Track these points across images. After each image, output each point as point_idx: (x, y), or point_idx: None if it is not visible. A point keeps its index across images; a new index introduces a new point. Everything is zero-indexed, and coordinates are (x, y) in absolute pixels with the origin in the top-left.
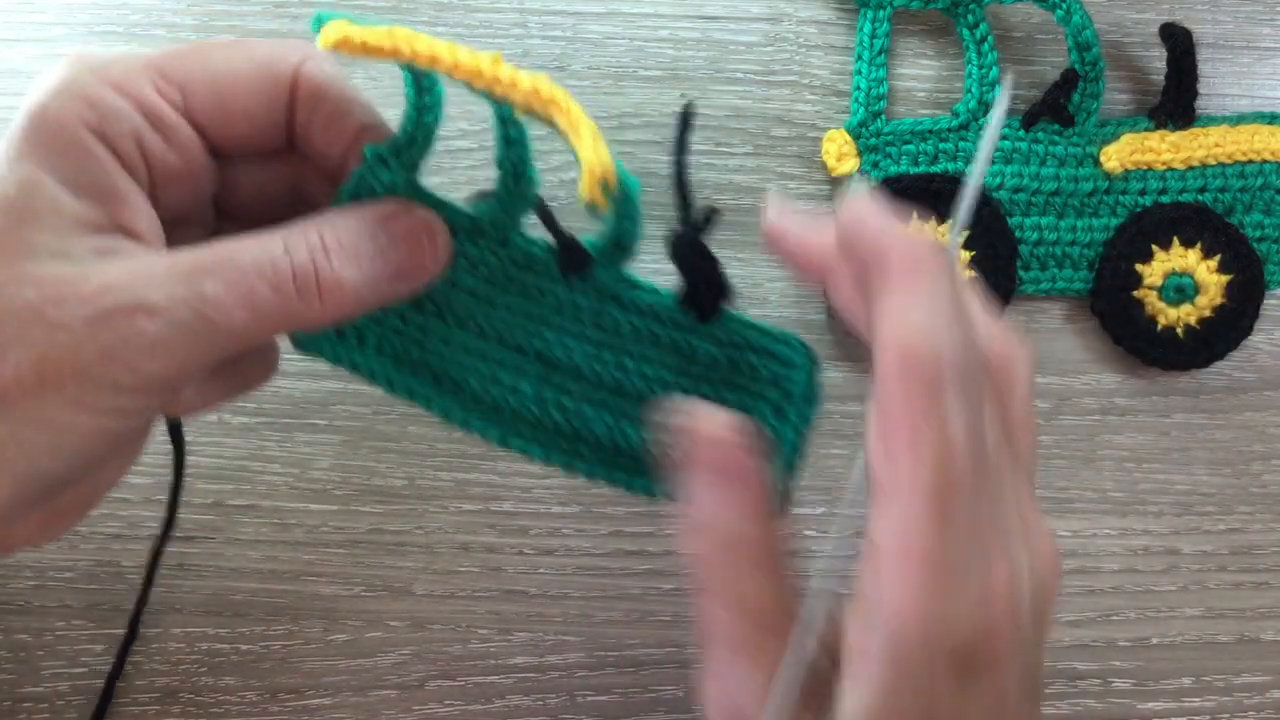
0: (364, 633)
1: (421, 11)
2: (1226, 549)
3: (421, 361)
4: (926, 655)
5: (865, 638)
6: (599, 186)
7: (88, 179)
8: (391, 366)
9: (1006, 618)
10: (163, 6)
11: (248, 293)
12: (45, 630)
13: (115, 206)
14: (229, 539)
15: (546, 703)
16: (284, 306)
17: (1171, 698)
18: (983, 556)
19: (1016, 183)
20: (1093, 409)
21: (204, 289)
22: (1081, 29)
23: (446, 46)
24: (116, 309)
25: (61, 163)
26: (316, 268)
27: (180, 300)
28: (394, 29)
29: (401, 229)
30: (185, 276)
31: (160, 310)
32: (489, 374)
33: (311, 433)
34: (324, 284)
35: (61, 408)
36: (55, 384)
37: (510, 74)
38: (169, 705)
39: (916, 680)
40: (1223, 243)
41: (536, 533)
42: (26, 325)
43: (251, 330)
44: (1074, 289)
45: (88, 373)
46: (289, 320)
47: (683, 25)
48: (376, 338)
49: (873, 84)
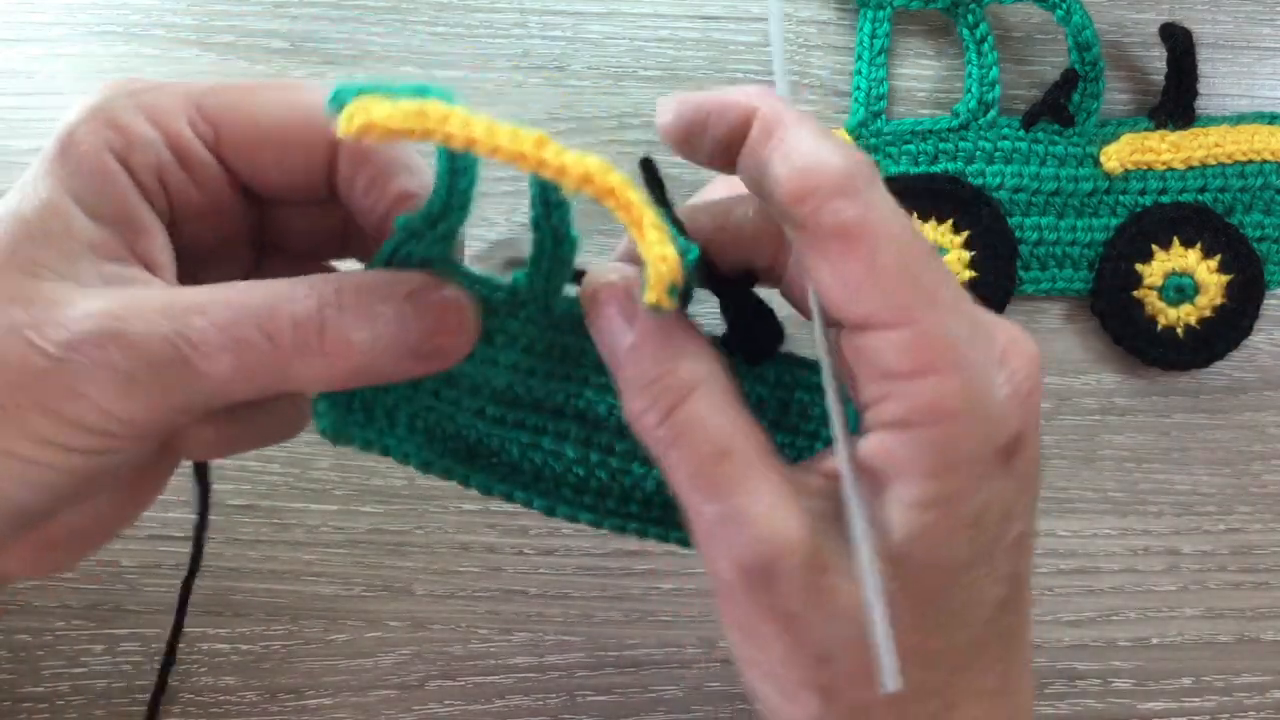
0: (364, 633)
1: (422, 11)
2: (1226, 549)
3: (457, 436)
4: (979, 452)
5: (906, 451)
6: (666, 291)
7: (107, 205)
8: (426, 447)
9: (1034, 404)
10: (163, 6)
11: (237, 338)
12: (45, 630)
13: (132, 235)
14: (229, 539)
15: (546, 703)
16: (275, 358)
17: (1171, 698)
18: (989, 340)
19: (1016, 183)
20: (1093, 409)
21: (190, 326)
22: (1081, 29)
23: (485, 126)
24: (89, 337)
25: (83, 186)
26: (324, 321)
27: (160, 336)
28: (426, 105)
29: (427, 304)
30: (175, 312)
31: (135, 344)
32: (529, 441)
33: (311, 433)
34: (329, 339)
35: (22, 440)
36: (17, 415)
37: (558, 158)
38: (169, 705)
39: (972, 477)
40: (1223, 243)
41: (536, 533)
42: (6, 344)
43: (236, 380)
44: (1074, 289)
45: (51, 407)
46: (280, 375)
47: (683, 25)
48: (408, 417)
49: (873, 84)
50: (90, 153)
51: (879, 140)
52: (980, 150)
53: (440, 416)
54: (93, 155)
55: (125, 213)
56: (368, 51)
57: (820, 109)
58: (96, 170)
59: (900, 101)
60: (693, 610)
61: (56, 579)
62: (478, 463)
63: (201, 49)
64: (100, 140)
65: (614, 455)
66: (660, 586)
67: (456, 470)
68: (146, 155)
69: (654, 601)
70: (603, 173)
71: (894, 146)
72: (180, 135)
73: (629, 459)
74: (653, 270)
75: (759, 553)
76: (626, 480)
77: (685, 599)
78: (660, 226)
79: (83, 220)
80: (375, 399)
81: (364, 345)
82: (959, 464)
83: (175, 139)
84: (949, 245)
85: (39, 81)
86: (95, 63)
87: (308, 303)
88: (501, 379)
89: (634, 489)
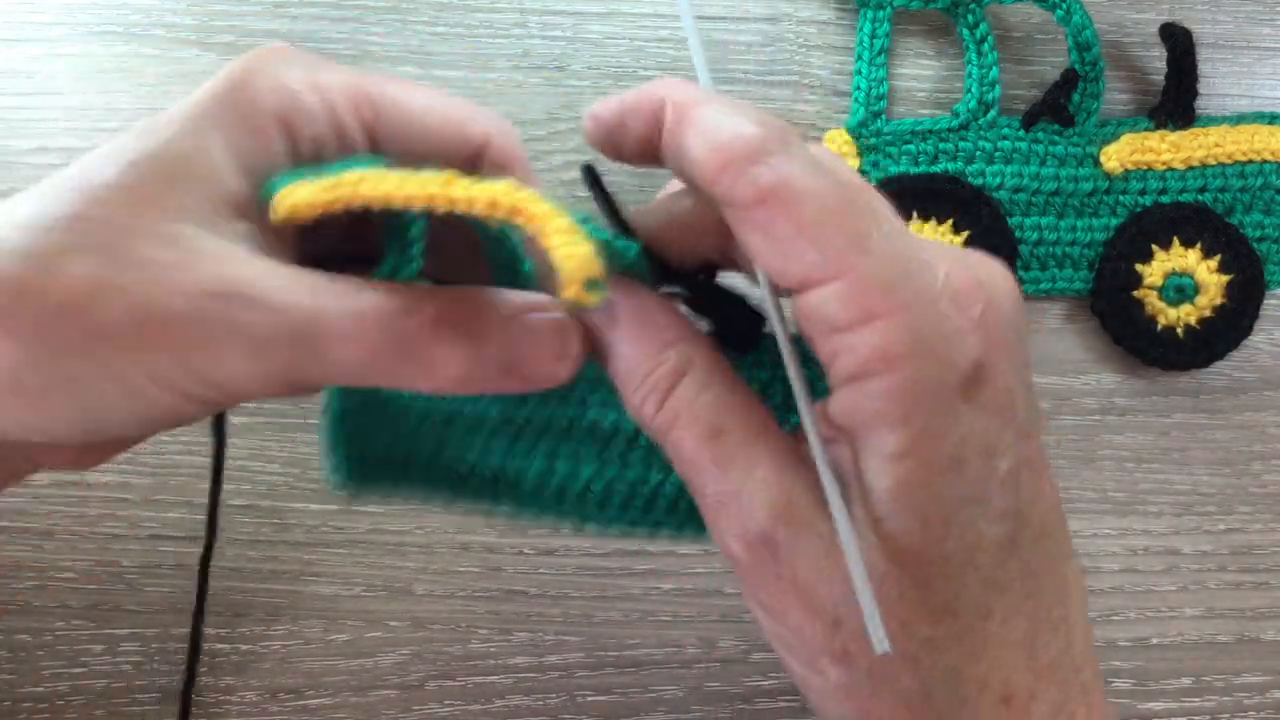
0: (364, 633)
1: (422, 11)
2: (1226, 549)
3: (474, 473)
4: (939, 389)
5: (868, 404)
6: (583, 288)
7: (260, 164)
8: (448, 486)
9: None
10: (163, 6)
11: (365, 333)
12: (45, 630)
13: None
14: (229, 539)
15: (546, 703)
16: (389, 360)
17: (1171, 698)
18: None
19: (1016, 183)
20: (1093, 409)
21: (328, 311)
22: (1081, 29)
23: (395, 181)
24: (237, 296)
25: (243, 139)
26: (441, 333)
27: (302, 309)
28: (339, 177)
29: (535, 327)
30: (316, 290)
31: (278, 314)
32: (546, 466)
33: (311, 433)
34: (442, 351)
35: (138, 373)
36: (146, 346)
37: (465, 193)
38: (169, 705)
39: (938, 416)
40: (1223, 243)
41: (536, 533)
42: (148, 280)
43: (350, 369)
44: (1074, 289)
45: (179, 352)
46: (387, 374)
47: (683, 25)
48: (424, 463)
49: (873, 84)
50: (258, 107)
51: (879, 140)
52: (980, 150)
53: (455, 459)
54: (260, 111)
55: (273, 174)
56: (368, 51)
57: (820, 109)
58: (260, 128)
59: (900, 101)
60: (693, 610)
61: (56, 579)
62: (501, 491)
63: (201, 49)
64: (270, 98)
65: (630, 466)
66: (660, 586)
67: (481, 503)
68: (310, 126)
69: (654, 601)
70: (506, 195)
71: (894, 146)
72: (342, 115)
73: (645, 467)
74: (562, 270)
75: (760, 524)
76: (646, 489)
77: (685, 599)
78: (569, 229)
79: (233, 174)
80: (388, 454)
81: (470, 360)
82: (920, 406)
83: (338, 118)
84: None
85: (39, 81)
86: (95, 63)
87: (429, 313)
88: (503, 408)
89: (655, 496)
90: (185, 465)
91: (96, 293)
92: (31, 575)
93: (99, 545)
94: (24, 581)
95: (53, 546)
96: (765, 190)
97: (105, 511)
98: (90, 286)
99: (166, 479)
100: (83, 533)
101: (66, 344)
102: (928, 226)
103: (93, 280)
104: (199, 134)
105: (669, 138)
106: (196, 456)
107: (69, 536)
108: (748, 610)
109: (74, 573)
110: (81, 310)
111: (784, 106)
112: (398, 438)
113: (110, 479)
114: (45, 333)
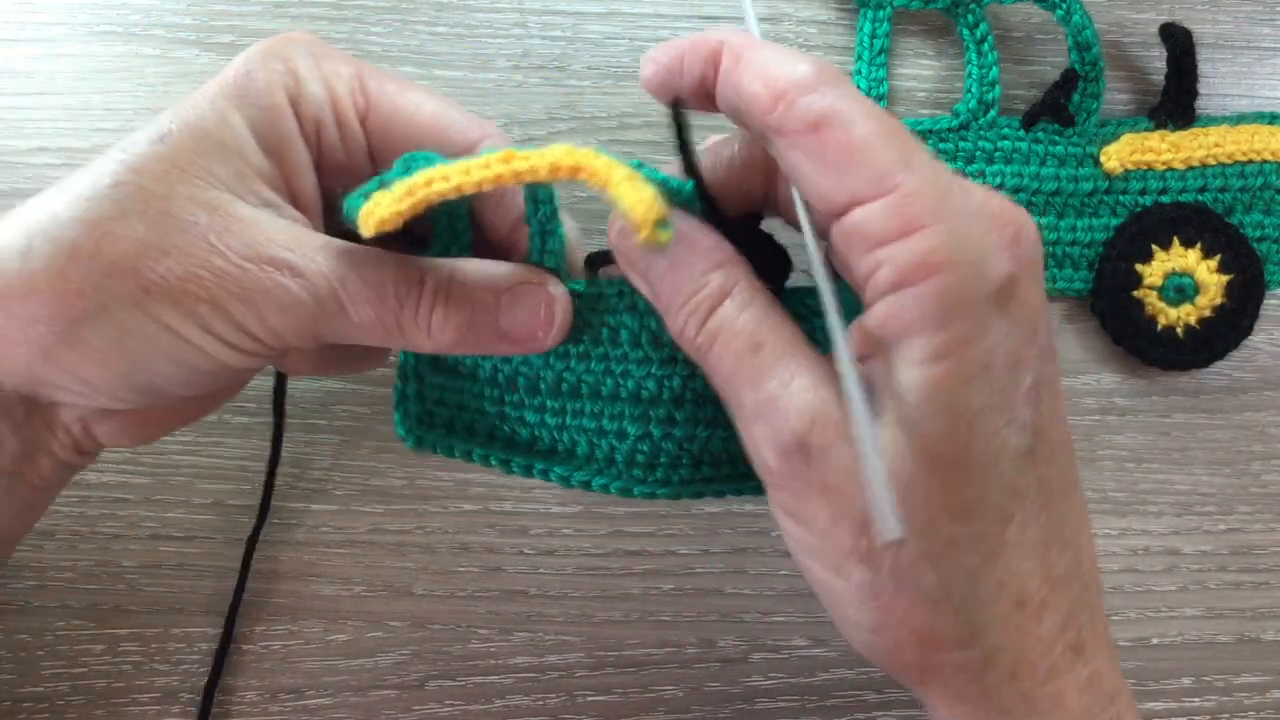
0: (364, 633)
1: (422, 11)
2: (1226, 549)
3: (531, 439)
4: (974, 297)
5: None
6: (654, 228)
7: (274, 139)
8: (504, 451)
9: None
10: (163, 6)
11: (380, 297)
12: (45, 630)
13: (289, 171)
14: (228, 539)
15: (546, 703)
16: (399, 320)
17: (1171, 698)
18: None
19: (1016, 183)
20: (1093, 409)
21: (348, 276)
22: (1081, 29)
23: (461, 170)
24: (271, 259)
25: (257, 115)
26: (438, 301)
27: (325, 275)
28: (411, 185)
29: (526, 296)
30: (336, 259)
31: (307, 276)
32: (594, 428)
33: (311, 433)
34: (437, 316)
35: (189, 323)
36: (192, 300)
37: (527, 164)
38: (169, 705)
39: (972, 323)
40: (1223, 243)
41: (536, 533)
42: (190, 240)
43: (367, 328)
44: (1074, 289)
45: (223, 304)
46: (397, 334)
47: (683, 25)
48: (487, 430)
49: (873, 84)
50: (267, 88)
51: None
52: (980, 150)
53: (512, 424)
54: (269, 90)
55: (287, 149)
56: (368, 52)
57: None
58: (270, 105)
59: (900, 101)
60: (693, 610)
61: (57, 579)
62: (555, 459)
63: (201, 49)
64: (278, 79)
65: (676, 425)
66: (660, 586)
67: (536, 467)
68: (311, 106)
69: (654, 601)
70: (567, 155)
71: None
72: (341, 99)
73: (692, 425)
74: (633, 215)
75: (795, 430)
76: (694, 446)
77: (685, 599)
78: (632, 176)
79: (252, 145)
80: (453, 417)
81: (462, 325)
82: (956, 311)
83: (337, 101)
84: None
85: (39, 81)
86: (95, 63)
87: (429, 284)
88: (552, 375)
89: (703, 453)
90: (185, 465)
91: (144, 252)
92: (31, 575)
93: (99, 545)
94: (24, 581)
95: (53, 546)
96: (819, 116)
97: (105, 511)
98: (139, 247)
99: (166, 479)
100: (83, 533)
101: (119, 299)
102: None
103: (141, 241)
104: (221, 112)
105: (725, 77)
106: (197, 456)
107: (69, 536)
108: (748, 610)
109: (74, 573)
110: (132, 268)
111: None
112: (463, 398)
113: (110, 479)
114: (100, 290)
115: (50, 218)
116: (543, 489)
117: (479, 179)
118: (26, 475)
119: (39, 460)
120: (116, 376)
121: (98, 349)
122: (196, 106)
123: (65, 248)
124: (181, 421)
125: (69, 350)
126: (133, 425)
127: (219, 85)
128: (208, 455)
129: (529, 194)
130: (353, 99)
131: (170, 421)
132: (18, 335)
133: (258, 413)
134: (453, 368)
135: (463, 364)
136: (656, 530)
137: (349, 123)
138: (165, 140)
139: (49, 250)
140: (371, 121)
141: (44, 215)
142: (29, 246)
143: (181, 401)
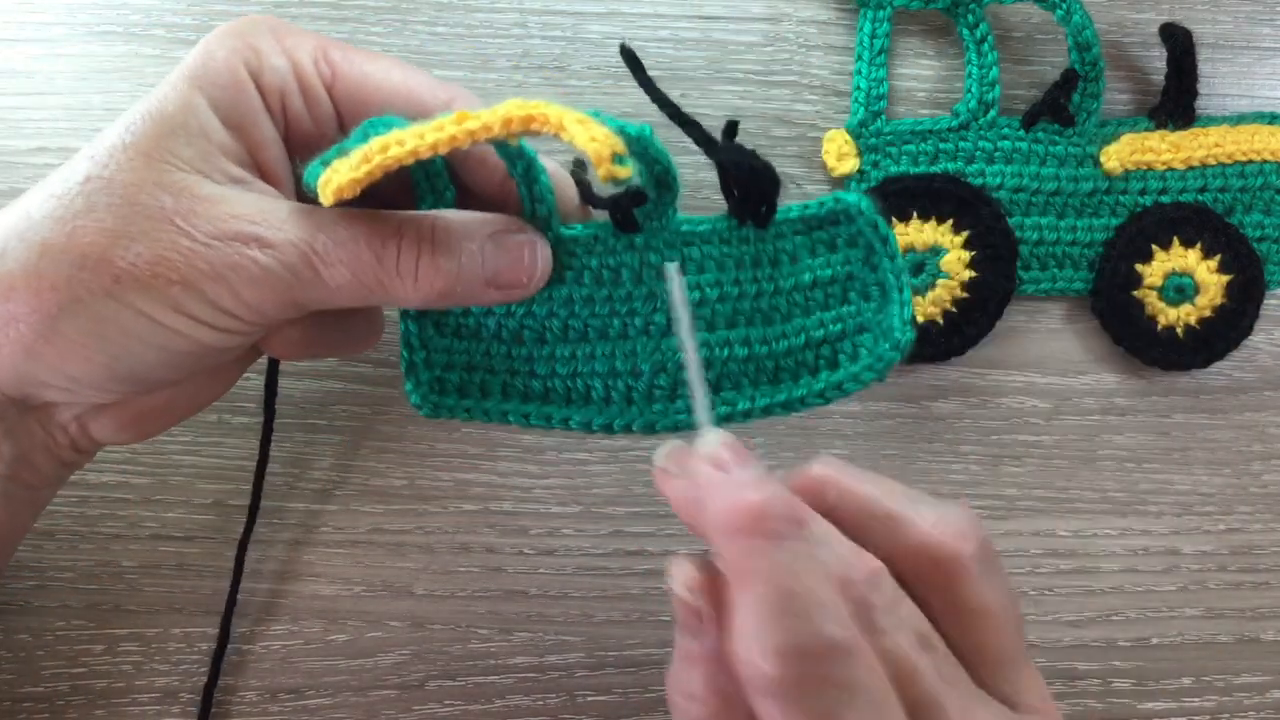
0: (364, 633)
1: (422, 11)
2: (1226, 549)
3: (544, 391)
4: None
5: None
6: (611, 163)
7: (236, 114)
8: (521, 405)
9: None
10: (163, 6)
11: (354, 255)
12: (45, 630)
13: (255, 145)
14: (229, 539)
15: (546, 703)
16: (380, 276)
17: (1171, 698)
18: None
19: (1016, 183)
20: (1093, 409)
21: (317, 240)
22: (1081, 29)
23: (415, 134)
24: (237, 235)
25: (218, 93)
26: (420, 252)
27: (293, 244)
28: (366, 151)
29: (507, 243)
30: (304, 224)
31: (275, 246)
32: (607, 370)
33: (311, 433)
34: (423, 266)
35: (163, 307)
36: (164, 283)
37: (479, 122)
38: (169, 705)
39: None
40: (1223, 243)
41: (536, 533)
42: (157, 224)
43: (345, 288)
44: (1074, 289)
45: (194, 284)
46: (380, 291)
47: (683, 25)
48: (500, 386)
49: (873, 84)
50: (226, 64)
51: (879, 140)
52: (980, 150)
53: (526, 378)
54: (228, 67)
55: (251, 123)
56: None
57: (820, 109)
58: (231, 82)
59: (900, 101)
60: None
61: (57, 579)
62: (573, 406)
63: None
64: (237, 55)
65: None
66: (660, 586)
67: (556, 416)
68: (274, 77)
69: (654, 601)
70: (518, 108)
71: (894, 146)
72: (305, 69)
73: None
74: (590, 153)
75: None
76: (710, 374)
77: None
78: (584, 119)
79: (215, 124)
80: (464, 380)
81: (450, 273)
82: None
83: (301, 70)
84: (949, 245)
85: (39, 81)
86: (95, 63)
87: (409, 235)
88: (559, 320)
89: (720, 376)
90: (185, 465)
91: (113, 242)
92: (31, 575)
93: (99, 545)
94: (24, 581)
95: (53, 546)
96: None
97: (105, 511)
98: (107, 237)
99: (166, 479)
100: (83, 533)
101: (91, 290)
102: (928, 226)
103: (109, 231)
104: (183, 95)
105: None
106: (197, 456)
107: (69, 536)
108: None
109: (74, 573)
110: (102, 259)
111: (784, 106)
112: (472, 359)
113: (110, 479)
114: (72, 283)
115: (24, 217)
116: (543, 489)
117: (433, 141)
118: (23, 478)
119: (36, 461)
120: (99, 368)
121: (77, 342)
122: (159, 94)
123: (37, 245)
124: (178, 415)
125: (49, 346)
126: (128, 420)
127: (181, 70)
128: (208, 455)
129: (500, 151)
130: (317, 68)
131: (166, 415)
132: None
133: (258, 413)
134: (456, 330)
135: (465, 324)
136: (656, 530)
137: (314, 91)
138: (130, 130)
139: (23, 249)
140: (339, 90)
141: (19, 216)
142: (4, 248)
143: (173, 390)
